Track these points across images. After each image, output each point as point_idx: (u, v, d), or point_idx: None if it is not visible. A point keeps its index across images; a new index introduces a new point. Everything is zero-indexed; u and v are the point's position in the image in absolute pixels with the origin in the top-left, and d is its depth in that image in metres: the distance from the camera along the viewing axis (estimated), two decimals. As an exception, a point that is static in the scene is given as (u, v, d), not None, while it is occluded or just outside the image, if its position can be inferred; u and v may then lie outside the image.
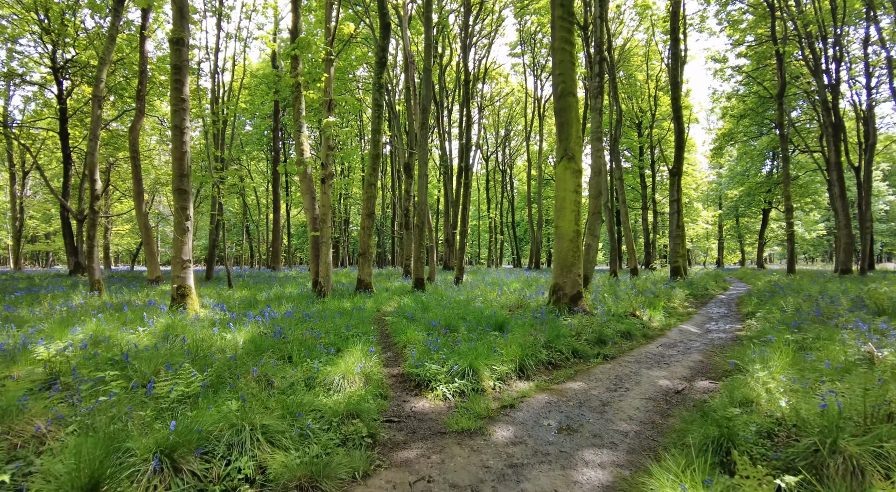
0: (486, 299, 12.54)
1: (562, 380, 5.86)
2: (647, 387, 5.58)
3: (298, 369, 5.38)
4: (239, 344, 6.79)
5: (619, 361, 6.87)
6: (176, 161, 10.45)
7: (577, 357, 7.05)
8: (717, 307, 14.08)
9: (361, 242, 14.85)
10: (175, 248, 10.38)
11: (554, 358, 6.73)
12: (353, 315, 9.41)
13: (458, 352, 6.07)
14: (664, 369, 6.45)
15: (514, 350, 6.18)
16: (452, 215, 33.48)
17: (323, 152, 13.17)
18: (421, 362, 5.65)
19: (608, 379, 5.88)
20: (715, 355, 7.32)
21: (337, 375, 5.10)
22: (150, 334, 7.41)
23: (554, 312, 9.71)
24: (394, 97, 32.82)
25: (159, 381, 4.48)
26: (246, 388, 4.57)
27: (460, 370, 5.39)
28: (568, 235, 10.40)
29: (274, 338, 6.77)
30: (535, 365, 6.21)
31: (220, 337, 6.83)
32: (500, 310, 10.26)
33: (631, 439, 4.13)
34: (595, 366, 6.55)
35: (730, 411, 4.06)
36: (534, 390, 5.42)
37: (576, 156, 10.65)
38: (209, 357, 5.50)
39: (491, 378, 5.48)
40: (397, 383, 5.69)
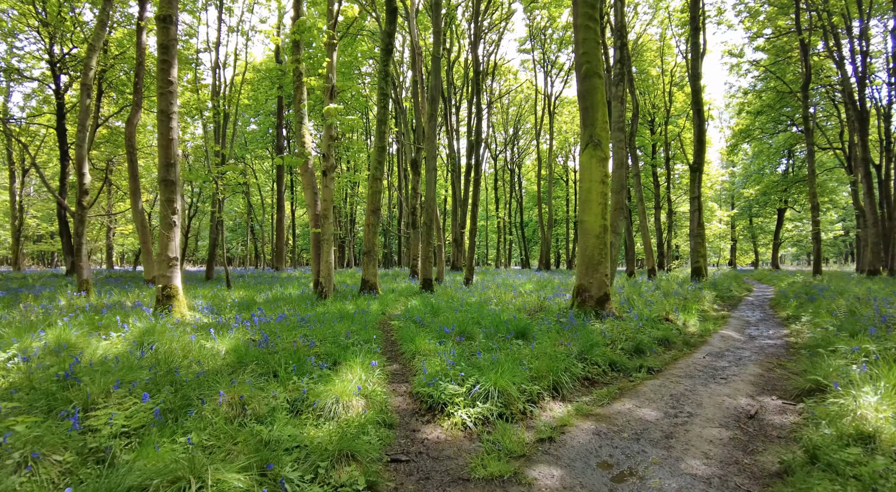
0: (501, 302, 11.51)
1: (605, 401, 4.82)
2: (713, 410, 4.54)
3: (283, 388, 4.39)
4: (221, 354, 5.82)
5: (667, 375, 5.83)
6: (162, 149, 9.51)
7: (615, 370, 6.01)
8: (750, 310, 12.99)
9: (366, 240, 13.87)
10: (160, 244, 9.44)
11: (590, 372, 5.70)
12: (354, 319, 8.41)
13: (478, 366, 5.05)
14: (722, 384, 5.41)
15: (544, 364, 5.15)
16: (461, 214, 32.48)
17: (324, 142, 12.21)
18: (434, 380, 4.62)
19: (661, 400, 4.84)
20: (775, 368, 6.27)
21: (330, 397, 4.09)
22: (124, 341, 6.46)
23: (579, 317, 8.68)
24: (401, 93, 31.84)
25: (99, 408, 3.49)
26: (212, 416, 3.58)
27: (483, 391, 4.36)
28: (594, 230, 9.36)
29: (260, 348, 5.78)
30: (571, 381, 5.17)
31: (198, 346, 5.85)
32: (518, 314, 9.23)
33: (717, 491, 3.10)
34: (640, 382, 5.50)
35: (850, 454, 3.02)
36: (574, 416, 4.39)
37: (602, 142, 9.62)
38: (174, 373, 4.51)
39: (520, 400, 4.46)
40: (405, 404, 4.68)
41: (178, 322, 7.90)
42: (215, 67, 24.73)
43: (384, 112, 14.25)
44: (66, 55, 25.01)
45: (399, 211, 43.90)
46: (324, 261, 12.08)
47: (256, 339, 6.66)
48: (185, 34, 20.97)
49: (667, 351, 7.36)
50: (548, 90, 39.59)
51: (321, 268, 12.10)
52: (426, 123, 16.65)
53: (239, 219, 58.13)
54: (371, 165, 14.17)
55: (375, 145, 14.24)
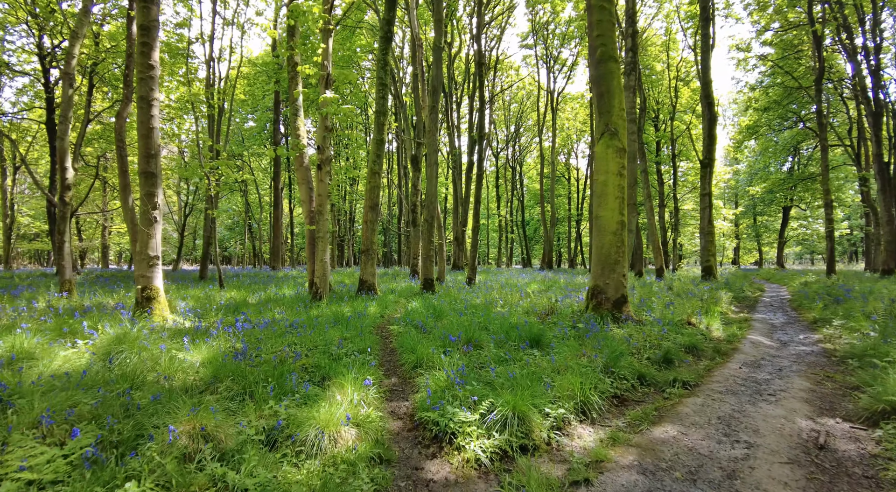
0: (508, 303, 10.77)
1: (643, 425, 4.08)
2: (774, 438, 3.80)
3: (259, 413, 3.65)
4: (196, 366, 5.08)
5: (706, 390, 5.08)
6: (142, 139, 8.76)
7: (645, 385, 5.27)
8: (771, 312, 12.24)
9: (364, 238, 13.13)
10: (140, 241, 8.70)
11: (619, 388, 4.96)
12: (350, 324, 7.66)
13: (490, 383, 4.33)
14: (772, 403, 4.67)
15: (569, 380, 4.41)
16: (462, 213, 31.74)
17: (319, 134, 11.46)
18: (440, 404, 3.87)
19: (709, 424, 4.09)
20: (824, 381, 5.54)
21: (314, 426, 3.35)
22: (92, 349, 5.73)
23: (595, 321, 7.95)
24: (401, 89, 31.05)
25: (12, 447, 2.74)
26: (161, 457, 2.83)
27: (501, 417, 3.62)
28: (610, 226, 8.62)
29: (238, 360, 5.03)
30: (600, 400, 4.42)
31: (168, 358, 5.11)
32: (528, 317, 8.50)
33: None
34: (678, 400, 4.76)
35: None
36: (610, 446, 3.64)
37: (619, 131, 8.88)
38: (128, 394, 3.76)
39: (544, 427, 3.72)
40: (406, 431, 3.93)
41: (154, 328, 7.15)
42: (209, 60, 23.98)
43: (383, 103, 13.51)
44: (56, 48, 24.27)
45: (399, 209, 43.16)
46: (319, 260, 11.33)
47: (239, 348, 5.93)
48: (177, 26, 20.19)
49: (697, 361, 6.61)
50: (550, 86, 38.80)
51: (316, 267, 11.35)
52: (427, 117, 15.90)
53: (237, 217, 57.31)
54: (369, 159, 13.43)
55: (374, 138, 13.50)
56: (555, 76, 39.32)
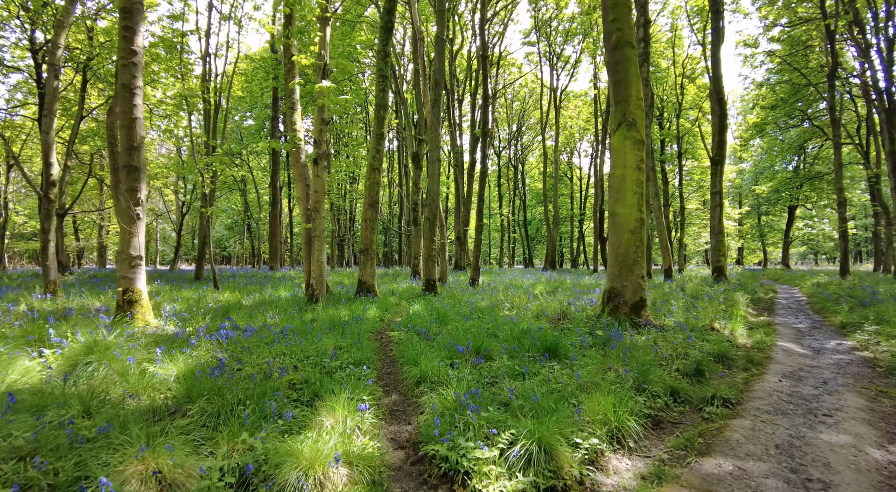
0: (516, 306, 10.15)
1: (689, 456, 3.44)
2: (849, 474, 3.17)
3: (229, 446, 3.02)
4: (170, 381, 4.47)
5: (750, 410, 4.45)
6: (124, 130, 8.15)
7: (679, 402, 4.64)
8: (792, 316, 11.60)
9: (363, 237, 12.52)
10: (121, 240, 8.08)
11: (652, 407, 4.33)
12: (346, 330, 7.03)
13: (508, 405, 3.70)
14: (831, 426, 4.04)
15: (600, 403, 3.77)
16: (464, 212, 31.12)
17: (315, 127, 10.85)
18: (450, 434, 3.22)
19: (767, 454, 3.46)
20: (879, 396, 4.91)
21: (295, 467, 2.72)
22: (59, 360, 5.12)
23: (613, 326, 7.33)
24: (402, 86, 30.42)
25: None
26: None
27: (524, 453, 2.99)
28: (628, 224, 7.99)
29: (213, 376, 4.40)
30: (636, 424, 3.79)
31: (139, 372, 4.49)
32: (539, 322, 7.88)
33: None
34: (722, 423, 4.12)
35: None
36: (655, 484, 3.02)
37: (637, 122, 8.26)
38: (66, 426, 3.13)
39: (575, 462, 3.09)
40: (409, 464, 3.30)
41: (133, 334, 6.53)
42: (205, 56, 23.37)
43: (383, 97, 12.90)
44: (49, 43, 23.64)
45: (400, 208, 42.51)
46: (315, 260, 10.71)
47: (223, 358, 5.32)
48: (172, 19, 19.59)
49: (730, 372, 5.98)
50: (553, 84, 38.14)
51: (312, 268, 10.73)
52: (429, 112, 15.29)
53: (236, 217, 56.68)
54: (369, 154, 12.82)
55: (374, 132, 12.89)
56: (558, 74, 38.65)
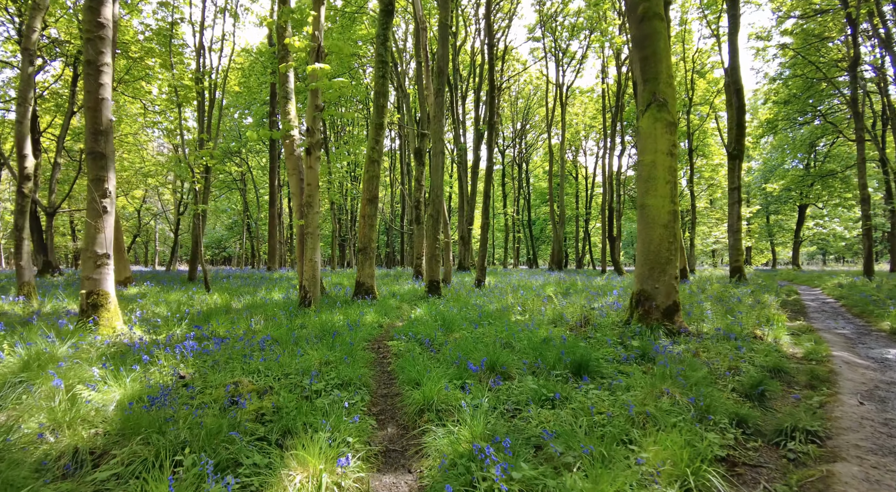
0: (530, 310, 9.18)
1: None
2: None
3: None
4: (109, 410, 3.52)
5: (846, 447, 3.47)
6: (89, 112, 7.22)
7: (748, 433, 3.66)
8: (829, 319, 10.60)
9: (361, 235, 11.56)
10: (86, 236, 7.14)
11: (721, 443, 3.36)
12: (338, 339, 6.06)
13: (542, 450, 2.73)
14: (962, 472, 3.07)
15: (665, 445, 2.81)
16: (468, 211, 30.15)
17: (309, 114, 9.91)
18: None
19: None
20: None
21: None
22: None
23: (645, 335, 6.37)
24: (404, 80, 29.46)
25: None
26: None
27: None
28: (660, 217, 7.03)
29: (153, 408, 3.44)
30: (716, 478, 2.82)
31: (68, 399, 3.55)
32: (558, 329, 6.91)
33: None
34: (821, 471, 3.14)
35: None
36: None
37: (668, 102, 7.30)
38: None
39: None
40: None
41: (86, 345, 5.58)
42: (199, 50, 22.49)
43: (383, 84, 11.96)
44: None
45: (402, 207, 41.58)
46: (308, 260, 9.76)
47: (185, 376, 4.38)
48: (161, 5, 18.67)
49: (793, 390, 5.01)
50: (559, 80, 37.16)
51: (305, 268, 9.78)
52: (432, 102, 14.35)
53: (236, 217, 55.83)
54: (368, 145, 11.88)
55: (373, 122, 11.95)
56: (563, 70, 37.68)
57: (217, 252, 69.76)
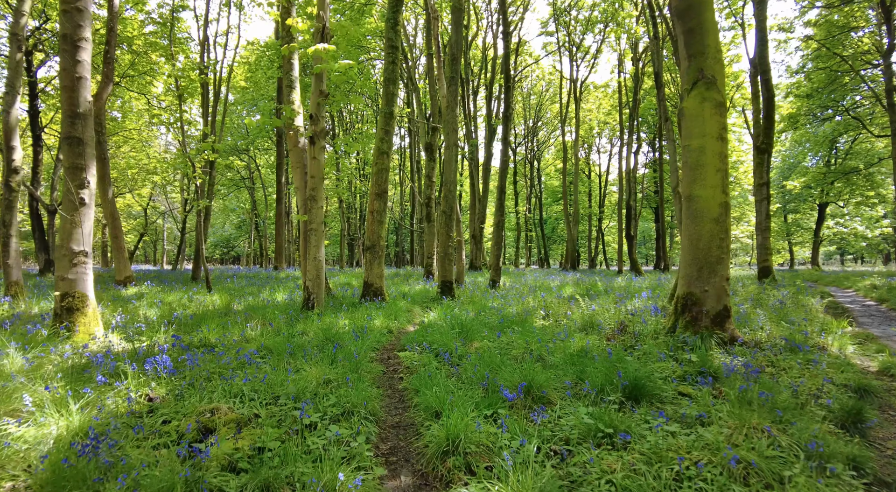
0: (555, 314, 8.31)
1: None
2: None
3: None
4: (43, 450, 2.71)
5: None
6: (65, 92, 6.45)
7: (869, 484, 2.80)
8: (884, 325, 9.62)
9: (369, 232, 10.74)
10: (61, 232, 6.37)
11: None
12: (341, 351, 5.22)
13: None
14: None
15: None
16: (479, 209, 29.29)
17: (313, 100, 9.11)
18: None
19: None
20: None
21: None
22: None
23: (697, 345, 5.50)
24: (414, 74, 28.59)
25: None
26: None
27: None
28: (711, 210, 6.14)
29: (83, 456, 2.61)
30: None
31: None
32: (592, 337, 6.05)
33: None
34: None
35: None
36: None
37: (718, 80, 6.40)
38: None
39: None
40: None
41: (38, 363, 4.79)
42: (203, 43, 21.81)
43: (393, 70, 11.14)
44: (38, 27, 22.21)
45: (412, 206, 40.74)
46: (311, 258, 8.95)
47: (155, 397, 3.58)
48: None
49: (891, 416, 4.12)
50: (573, 75, 36.16)
51: (308, 267, 8.98)
52: (445, 92, 13.51)
53: (244, 216, 55.33)
54: (377, 136, 11.06)
55: (382, 111, 11.13)
56: (577, 65, 36.63)
57: (226, 251, 69.40)
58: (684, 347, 5.56)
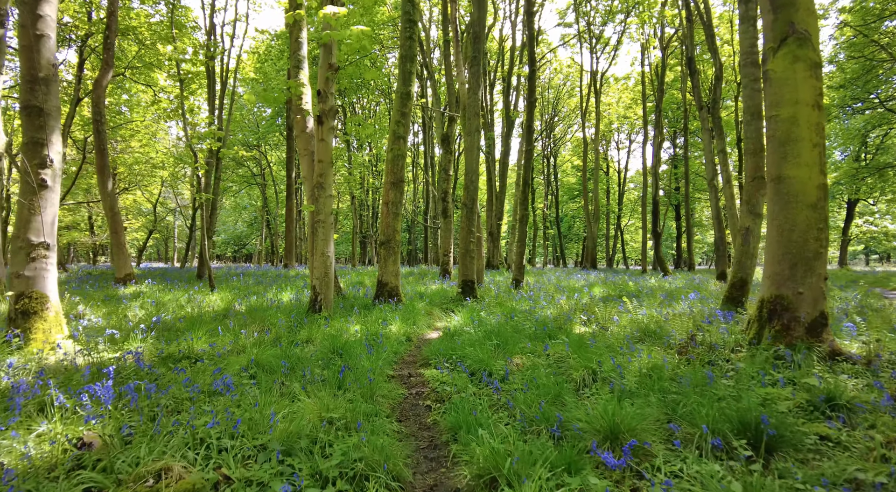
0: (598, 320, 7.14)
1: None
2: None
3: None
4: None
5: None
6: (24, 52, 5.41)
7: None
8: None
9: (384, 225, 9.64)
10: (18, 219, 5.34)
11: None
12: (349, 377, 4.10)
13: None
14: None
15: None
16: (497, 205, 28.06)
17: (321, 74, 8.03)
18: None
19: None
20: None
21: None
22: None
23: (790, 360, 4.33)
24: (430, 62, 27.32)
25: None
26: None
27: None
28: (807, 194, 4.95)
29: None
30: None
31: None
32: (654, 349, 4.90)
33: None
34: None
35: None
36: None
37: (812, 35, 5.22)
38: None
39: None
40: None
41: None
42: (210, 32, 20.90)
43: (410, 46, 10.03)
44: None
45: (426, 203, 39.59)
46: (319, 254, 7.88)
47: (90, 441, 2.51)
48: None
49: None
50: (593, 67, 34.78)
51: (315, 265, 7.91)
52: (467, 72, 12.37)
53: (256, 213, 54.58)
54: (392, 119, 9.96)
55: (398, 91, 10.02)
56: (597, 57, 35.27)
57: (238, 249, 68.76)
58: (781, 364, 4.40)
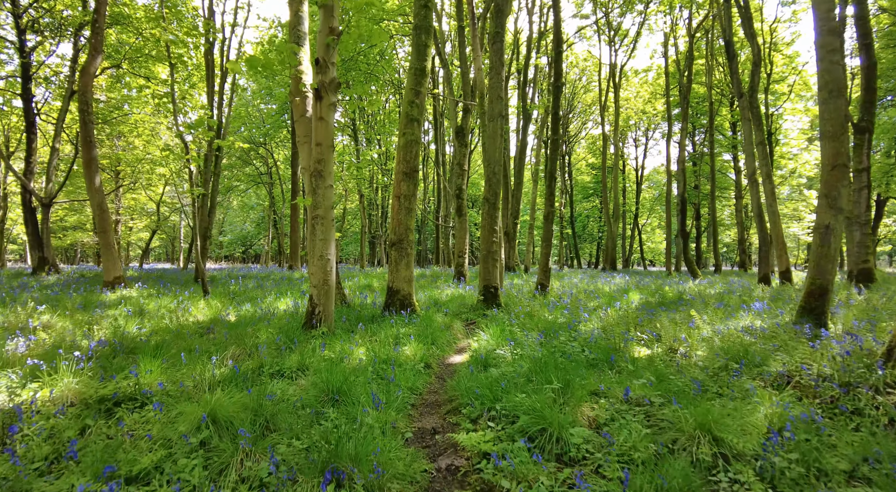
0: (667, 340, 5.69)
1: None
2: None
3: None
4: None
5: None
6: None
7: None
8: None
9: (395, 223, 8.21)
10: None
11: None
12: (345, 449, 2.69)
13: None
14: None
15: None
16: (513, 203, 26.61)
17: (320, 40, 6.65)
18: None
19: None
20: None
21: None
22: None
23: None
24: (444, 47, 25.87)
25: None
26: None
27: None
28: None
29: None
30: None
31: None
32: (766, 392, 3.46)
33: None
34: None
35: None
36: None
37: None
38: None
39: None
40: None
41: None
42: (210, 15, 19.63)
43: (426, 15, 8.62)
44: (33, 3, 20.24)
45: (437, 201, 38.16)
46: (317, 257, 6.48)
47: None
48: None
49: None
50: (611, 60, 33.20)
51: (313, 269, 6.51)
52: (490, 46, 10.91)
53: (263, 213, 53.49)
54: (405, 99, 8.56)
55: (412, 67, 8.61)
56: (615, 49, 33.70)
57: (245, 249, 67.75)
58: None
